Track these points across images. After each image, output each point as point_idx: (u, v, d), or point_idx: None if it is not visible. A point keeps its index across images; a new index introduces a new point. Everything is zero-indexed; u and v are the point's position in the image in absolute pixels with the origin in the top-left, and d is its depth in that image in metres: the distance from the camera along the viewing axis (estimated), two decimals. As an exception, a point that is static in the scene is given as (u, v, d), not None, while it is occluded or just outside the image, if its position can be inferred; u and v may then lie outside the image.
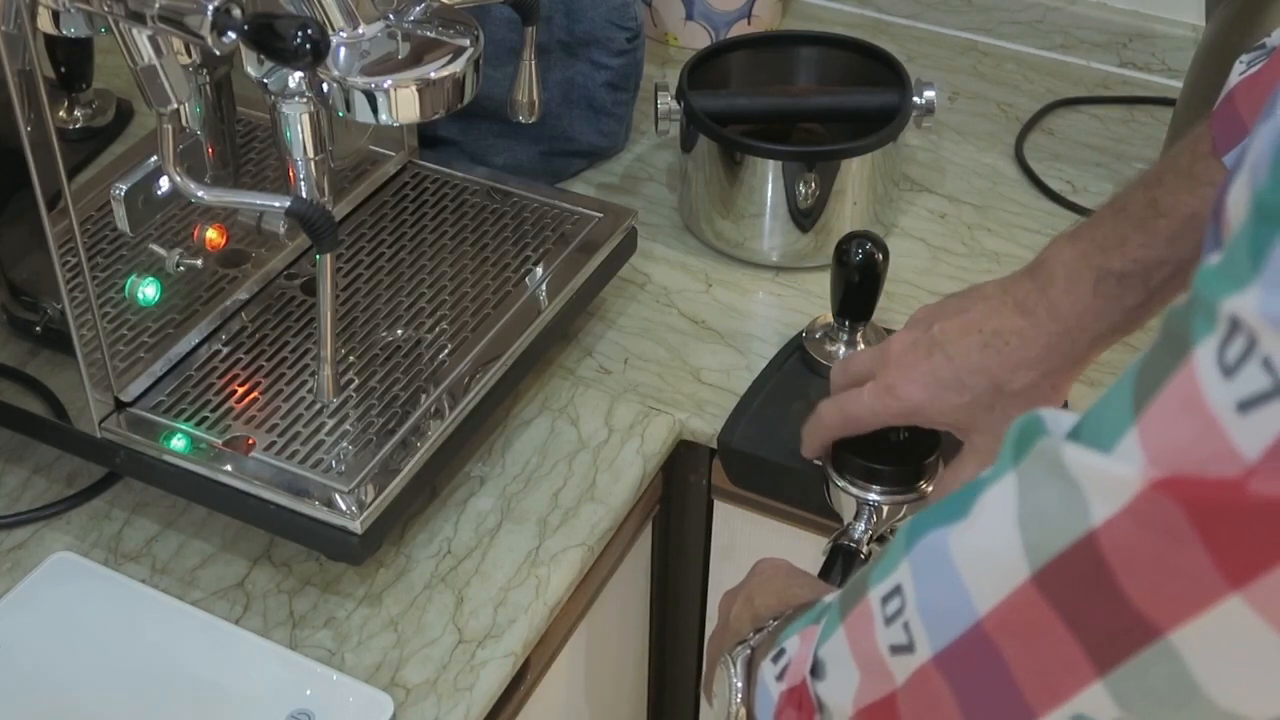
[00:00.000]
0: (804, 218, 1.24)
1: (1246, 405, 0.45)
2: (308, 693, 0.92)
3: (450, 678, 0.94)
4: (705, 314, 1.22)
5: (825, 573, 0.95)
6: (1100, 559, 0.51)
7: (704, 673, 0.90)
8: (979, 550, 0.56)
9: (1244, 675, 0.50)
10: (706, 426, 1.11)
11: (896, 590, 0.61)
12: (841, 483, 0.98)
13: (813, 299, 1.22)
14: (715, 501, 1.16)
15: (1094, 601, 0.52)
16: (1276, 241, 0.44)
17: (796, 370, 1.13)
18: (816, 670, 0.67)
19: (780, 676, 0.70)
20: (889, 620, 0.61)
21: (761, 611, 0.82)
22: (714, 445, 1.11)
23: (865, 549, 0.96)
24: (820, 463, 1.00)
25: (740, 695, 0.78)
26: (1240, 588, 0.48)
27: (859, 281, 1.07)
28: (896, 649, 0.60)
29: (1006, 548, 0.54)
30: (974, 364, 0.88)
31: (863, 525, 0.97)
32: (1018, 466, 0.54)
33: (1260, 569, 0.47)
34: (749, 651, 0.79)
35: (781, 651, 0.71)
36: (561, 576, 1.01)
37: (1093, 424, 0.52)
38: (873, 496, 0.97)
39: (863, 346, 1.12)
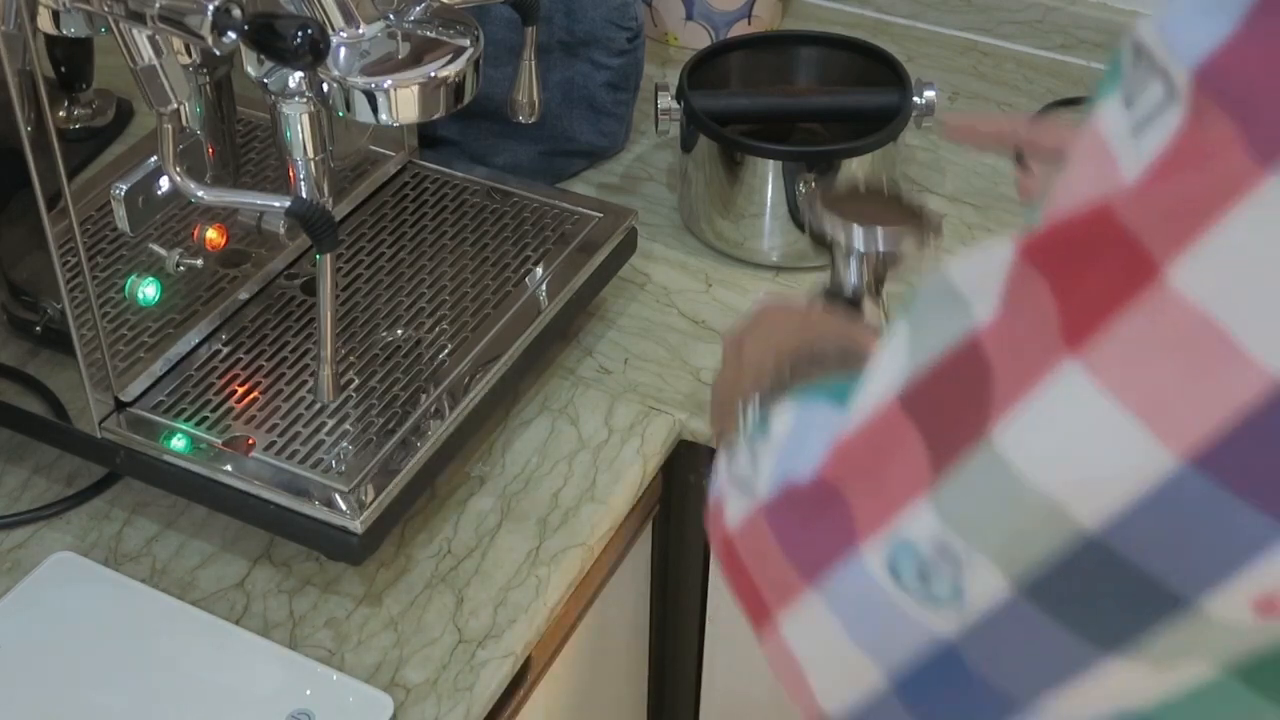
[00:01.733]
0: (804, 218, 1.24)
1: (1140, 125, 0.45)
2: (308, 693, 0.92)
3: (450, 678, 0.94)
4: (705, 314, 1.22)
5: None
6: (977, 357, 0.48)
7: (710, 410, 0.86)
8: (860, 396, 0.54)
9: (1064, 455, 0.46)
10: (706, 426, 1.11)
11: (771, 424, 0.60)
12: (823, 224, 0.95)
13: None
14: (715, 501, 1.16)
15: (955, 401, 0.49)
16: None
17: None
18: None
19: (725, 471, 0.66)
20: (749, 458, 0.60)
21: (784, 345, 0.76)
22: (714, 445, 1.11)
23: (855, 296, 0.94)
24: (810, 210, 0.97)
25: None
26: (1078, 347, 0.45)
27: None
28: (743, 482, 0.59)
29: (888, 375, 0.52)
30: None
31: (853, 272, 0.94)
32: (908, 312, 0.53)
33: (1103, 316, 0.44)
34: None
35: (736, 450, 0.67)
36: (561, 576, 1.01)
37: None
38: (856, 240, 0.95)
39: None
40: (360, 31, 0.91)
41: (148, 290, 1.02)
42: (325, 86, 0.92)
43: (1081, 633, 0.48)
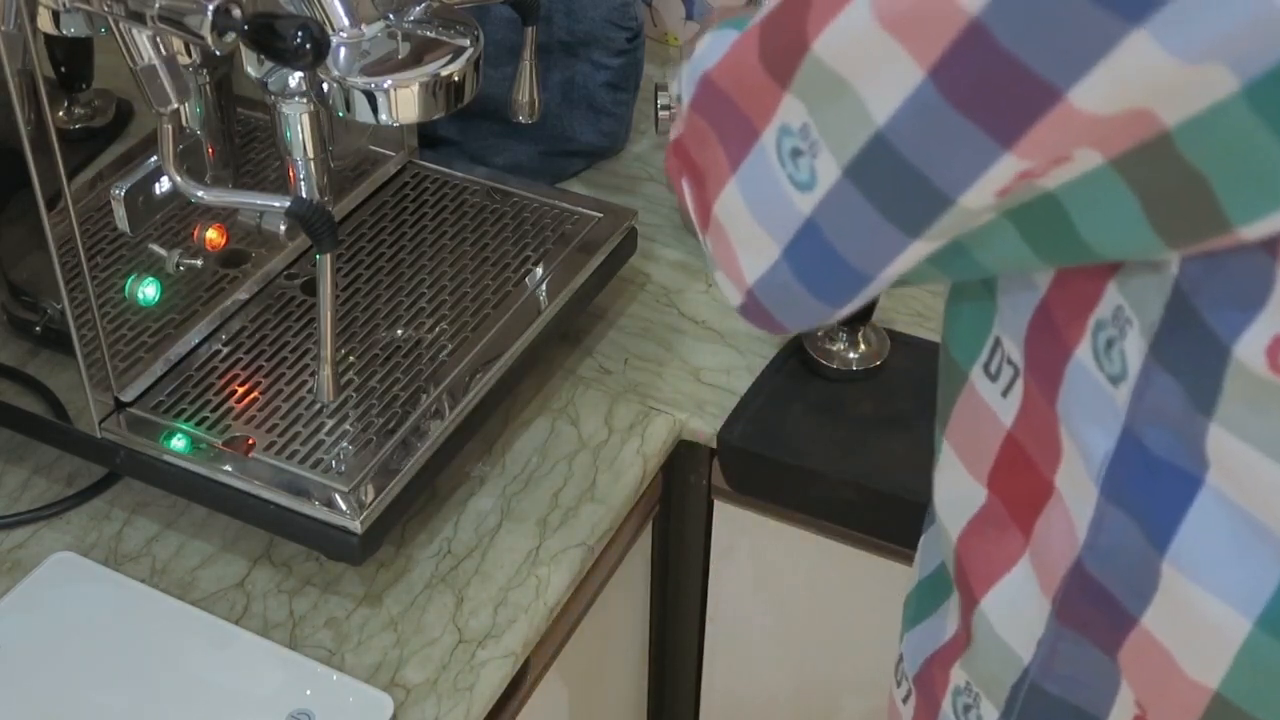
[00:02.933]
0: (804, 218, 1.24)
1: None
2: (308, 693, 0.92)
3: (450, 678, 0.94)
4: (705, 314, 1.22)
5: None
6: None
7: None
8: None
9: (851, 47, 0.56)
10: (706, 426, 1.11)
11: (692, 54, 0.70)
12: None
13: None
14: (715, 501, 1.16)
15: (787, 16, 0.59)
16: None
17: (796, 370, 1.13)
18: None
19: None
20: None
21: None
22: (714, 445, 1.11)
23: None
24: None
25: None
26: None
27: None
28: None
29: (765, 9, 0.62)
30: None
31: None
32: None
33: None
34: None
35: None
36: (561, 576, 1.01)
37: None
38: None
39: (864, 348, 1.12)
40: (360, 31, 0.91)
41: (148, 290, 1.02)
42: (325, 86, 0.92)
43: (888, 214, 0.59)
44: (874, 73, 0.55)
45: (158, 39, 0.85)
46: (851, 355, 1.12)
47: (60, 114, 1.05)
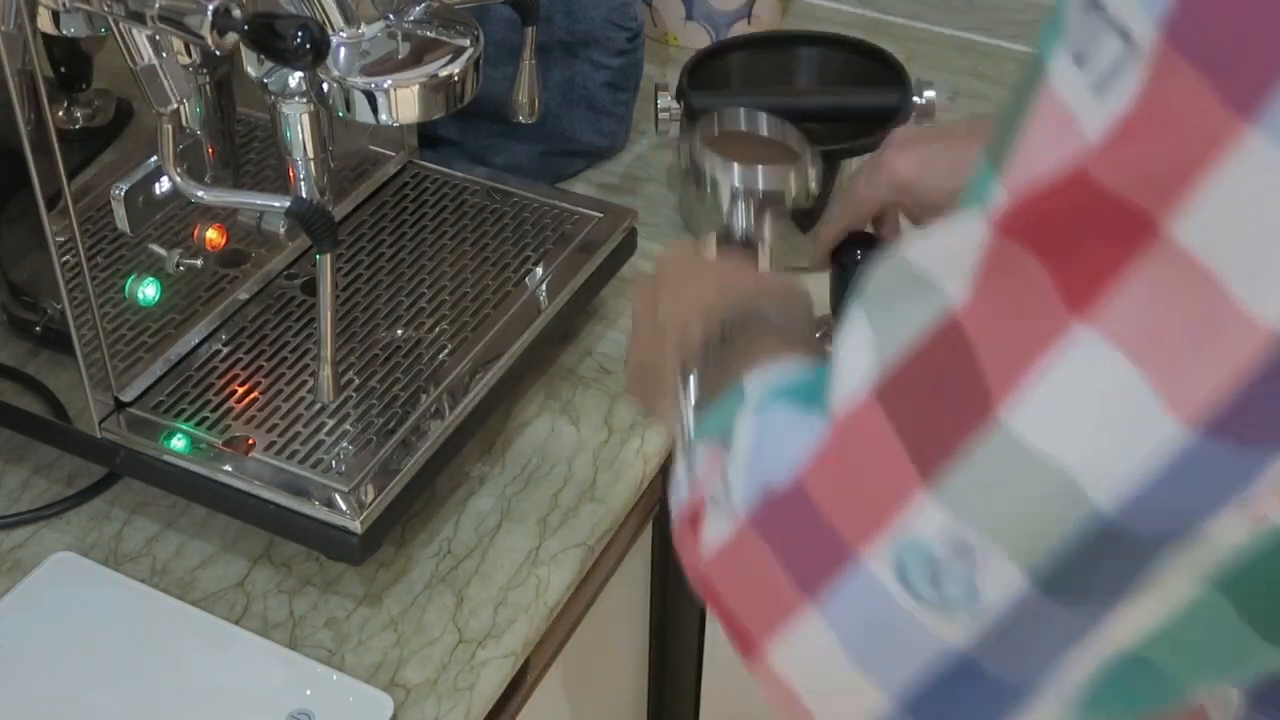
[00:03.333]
0: (804, 217, 1.24)
1: (1101, 84, 0.43)
2: (308, 693, 0.92)
3: (450, 678, 0.94)
4: (705, 314, 1.22)
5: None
6: (958, 338, 0.46)
7: (629, 379, 0.84)
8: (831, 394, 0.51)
9: (1078, 422, 0.45)
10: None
11: (733, 439, 0.57)
12: (705, 163, 0.93)
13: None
14: (715, 501, 1.16)
15: (940, 388, 0.47)
16: None
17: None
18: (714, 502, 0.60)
19: (688, 487, 0.63)
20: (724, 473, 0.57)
21: (707, 301, 0.74)
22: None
23: (749, 238, 0.92)
24: (684, 148, 0.96)
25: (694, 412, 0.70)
26: (1081, 312, 0.44)
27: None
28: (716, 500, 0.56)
29: (857, 375, 0.50)
30: (970, 156, 0.87)
31: (739, 216, 0.92)
32: (863, 301, 0.51)
33: (1102, 282, 0.43)
34: (695, 370, 0.71)
35: (696, 460, 0.63)
36: (561, 576, 1.01)
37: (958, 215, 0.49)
38: (735, 178, 0.93)
39: None
40: (360, 31, 0.91)
41: (148, 290, 1.02)
42: (325, 86, 0.91)
43: (1082, 607, 0.47)
44: (1118, 443, 0.44)
45: (158, 39, 0.85)
46: None
47: (60, 114, 1.05)
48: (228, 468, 0.98)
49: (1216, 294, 0.42)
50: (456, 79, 0.93)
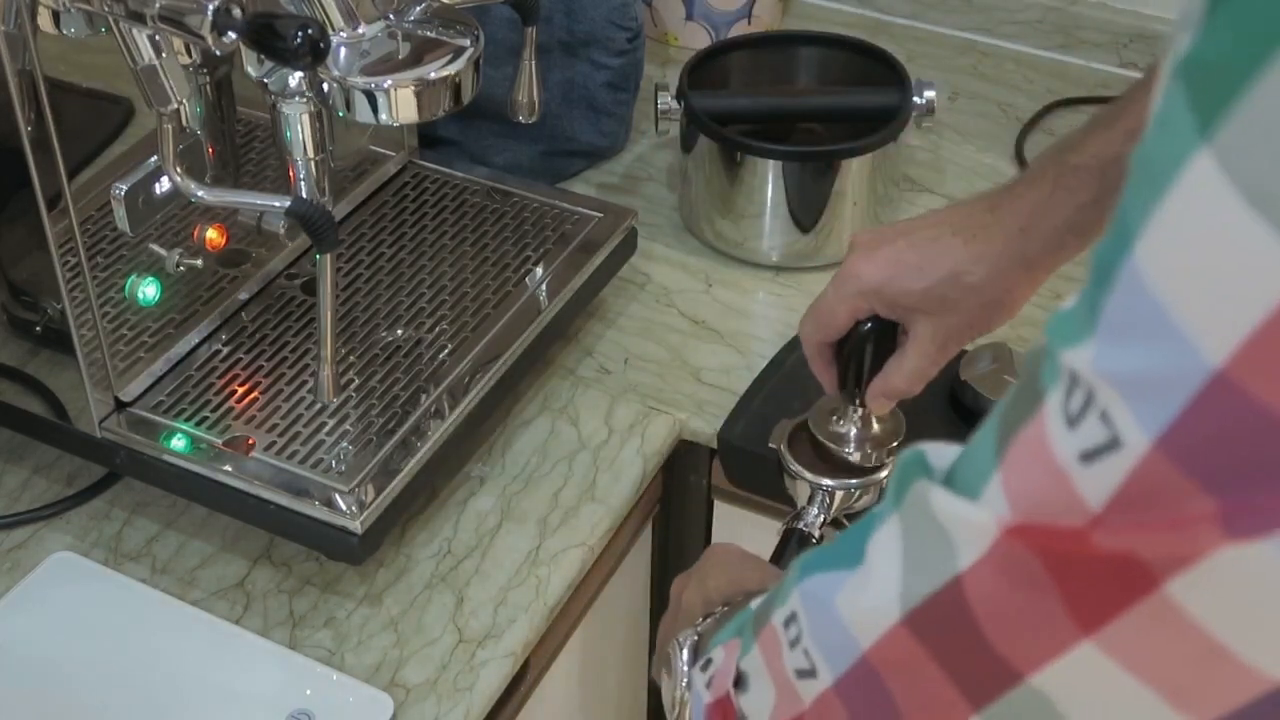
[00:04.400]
0: (804, 218, 1.24)
1: (1089, 456, 0.46)
2: (308, 693, 0.92)
3: (450, 678, 0.94)
4: (705, 314, 1.22)
5: (778, 557, 0.95)
6: (965, 604, 0.51)
7: (654, 656, 0.90)
8: (865, 606, 0.57)
9: (1107, 713, 0.51)
10: (706, 426, 1.11)
11: (794, 618, 0.62)
12: (795, 467, 0.98)
13: (812, 299, 1.22)
14: (715, 501, 1.16)
15: (960, 645, 0.53)
16: (1108, 299, 0.45)
17: (796, 370, 1.13)
18: (740, 683, 0.68)
19: (708, 685, 0.71)
20: (791, 644, 0.62)
21: (713, 595, 0.83)
22: (714, 445, 1.11)
23: (818, 533, 0.97)
24: (775, 445, 1.00)
25: (686, 680, 0.79)
26: (1091, 634, 0.48)
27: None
28: (801, 673, 0.62)
29: (888, 594, 0.55)
30: (937, 251, 0.89)
31: (815, 509, 0.97)
32: (899, 510, 0.55)
33: (1109, 615, 0.48)
34: (695, 637, 0.79)
35: (709, 661, 0.72)
36: (561, 576, 1.01)
37: (964, 467, 0.53)
38: (825, 481, 0.97)
39: (876, 429, 1.03)
40: (360, 31, 0.91)
41: (148, 290, 1.02)
42: (325, 86, 0.91)
43: None
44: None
45: (158, 39, 0.85)
46: (865, 437, 0.99)
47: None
48: (228, 468, 0.98)
49: (1217, 652, 0.46)
50: (456, 79, 0.93)
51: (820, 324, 0.94)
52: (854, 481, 0.98)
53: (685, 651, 0.79)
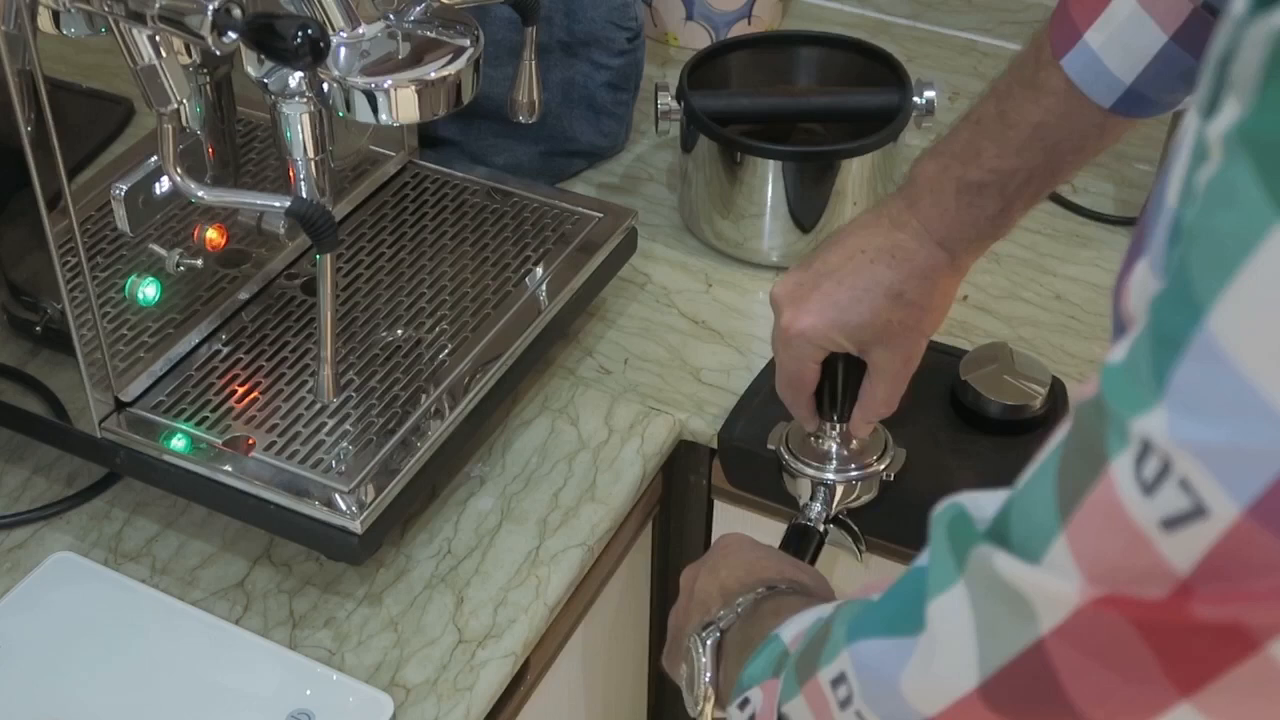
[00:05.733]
0: (804, 218, 1.24)
1: (1171, 523, 0.46)
2: (308, 693, 0.92)
3: (450, 678, 0.94)
4: (705, 314, 1.22)
5: (783, 550, 0.96)
6: (1048, 669, 0.51)
7: (666, 646, 0.91)
8: (935, 675, 0.57)
9: None
10: (706, 426, 1.11)
11: (843, 678, 0.62)
12: (796, 464, 0.99)
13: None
14: (715, 501, 1.16)
15: (1042, 710, 0.52)
16: (1177, 367, 0.45)
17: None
18: None
19: None
20: (842, 705, 0.62)
21: (729, 583, 0.83)
22: (714, 445, 1.11)
23: (822, 527, 0.98)
24: (773, 446, 1.02)
25: (709, 677, 0.80)
26: (1190, 695, 0.48)
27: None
28: None
29: (961, 663, 0.55)
30: (866, 280, 0.90)
31: (818, 505, 0.99)
32: (964, 575, 0.55)
33: (1209, 677, 0.48)
34: (718, 634, 0.80)
35: (746, 700, 0.72)
36: (561, 576, 1.01)
37: (1019, 525, 0.52)
38: (827, 476, 0.99)
39: (855, 445, 1.05)
40: (360, 31, 0.91)
41: (148, 290, 1.02)
42: (325, 86, 0.91)
43: None
44: None
45: (158, 39, 0.85)
46: (847, 451, 1.01)
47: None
48: (228, 468, 0.98)
49: None
50: (456, 79, 0.93)
51: (797, 387, 0.96)
52: (855, 474, 0.99)
53: (707, 648, 0.80)
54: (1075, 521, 0.49)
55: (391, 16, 0.93)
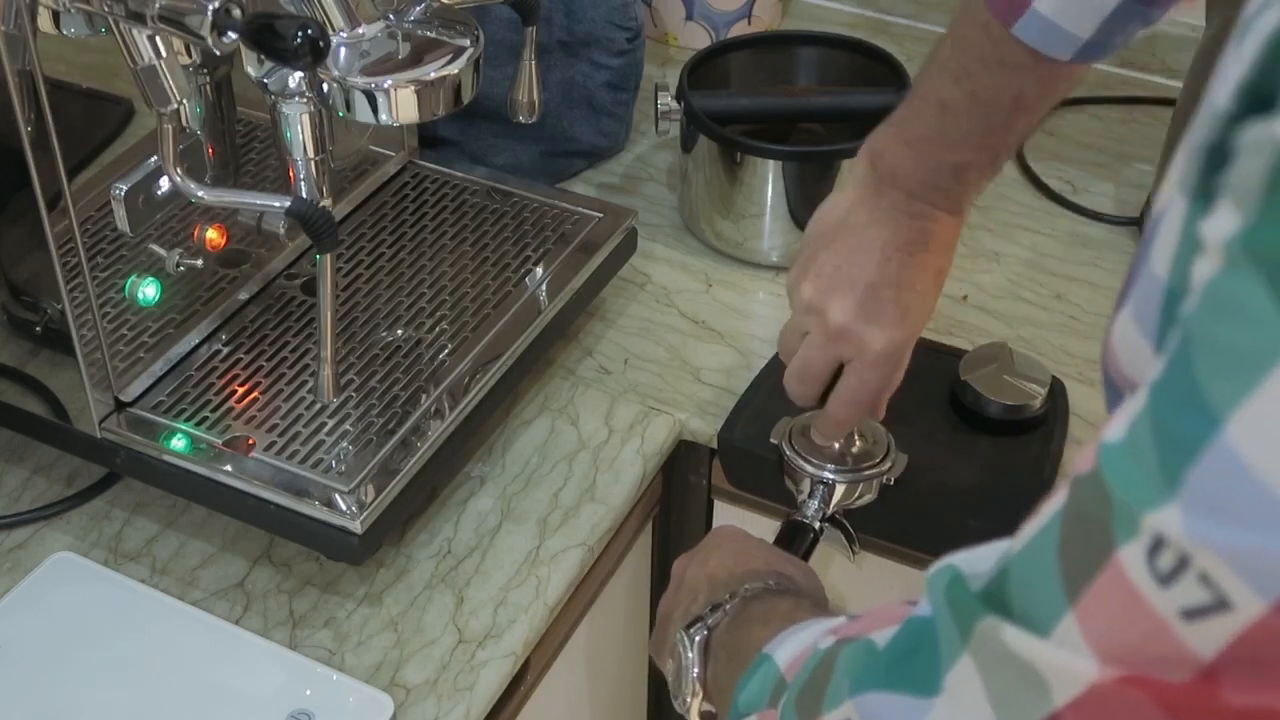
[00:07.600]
0: (804, 218, 1.24)
1: (1192, 614, 0.45)
2: (308, 693, 0.92)
3: (450, 678, 0.94)
4: (705, 314, 1.22)
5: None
6: None
7: (654, 633, 0.91)
8: None
9: None
10: (706, 426, 1.11)
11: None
12: (797, 460, 0.99)
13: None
14: (715, 501, 1.16)
15: None
16: (1190, 470, 0.44)
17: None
18: None
19: None
20: None
21: (717, 573, 0.84)
22: (714, 445, 1.11)
23: (818, 525, 0.98)
24: (776, 441, 1.02)
25: (697, 673, 0.80)
26: None
27: None
28: None
29: None
30: (920, 279, 0.91)
31: (815, 503, 0.99)
32: (969, 649, 0.54)
33: None
34: (706, 633, 0.80)
35: None
36: (561, 576, 1.01)
37: (1020, 595, 0.52)
38: (827, 474, 0.99)
39: (859, 444, 1.05)
40: (360, 31, 0.91)
41: (148, 290, 1.02)
42: (325, 86, 0.91)
43: None
44: None
45: (158, 39, 0.85)
46: (849, 450, 1.01)
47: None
48: (228, 468, 0.98)
49: None
50: (456, 79, 0.93)
51: (810, 382, 0.96)
52: (855, 475, 0.99)
53: (694, 646, 0.80)
54: (1085, 603, 0.49)
55: (391, 16, 0.93)
